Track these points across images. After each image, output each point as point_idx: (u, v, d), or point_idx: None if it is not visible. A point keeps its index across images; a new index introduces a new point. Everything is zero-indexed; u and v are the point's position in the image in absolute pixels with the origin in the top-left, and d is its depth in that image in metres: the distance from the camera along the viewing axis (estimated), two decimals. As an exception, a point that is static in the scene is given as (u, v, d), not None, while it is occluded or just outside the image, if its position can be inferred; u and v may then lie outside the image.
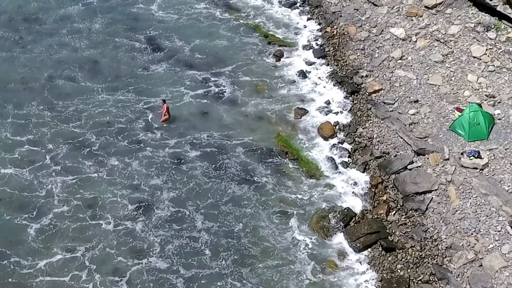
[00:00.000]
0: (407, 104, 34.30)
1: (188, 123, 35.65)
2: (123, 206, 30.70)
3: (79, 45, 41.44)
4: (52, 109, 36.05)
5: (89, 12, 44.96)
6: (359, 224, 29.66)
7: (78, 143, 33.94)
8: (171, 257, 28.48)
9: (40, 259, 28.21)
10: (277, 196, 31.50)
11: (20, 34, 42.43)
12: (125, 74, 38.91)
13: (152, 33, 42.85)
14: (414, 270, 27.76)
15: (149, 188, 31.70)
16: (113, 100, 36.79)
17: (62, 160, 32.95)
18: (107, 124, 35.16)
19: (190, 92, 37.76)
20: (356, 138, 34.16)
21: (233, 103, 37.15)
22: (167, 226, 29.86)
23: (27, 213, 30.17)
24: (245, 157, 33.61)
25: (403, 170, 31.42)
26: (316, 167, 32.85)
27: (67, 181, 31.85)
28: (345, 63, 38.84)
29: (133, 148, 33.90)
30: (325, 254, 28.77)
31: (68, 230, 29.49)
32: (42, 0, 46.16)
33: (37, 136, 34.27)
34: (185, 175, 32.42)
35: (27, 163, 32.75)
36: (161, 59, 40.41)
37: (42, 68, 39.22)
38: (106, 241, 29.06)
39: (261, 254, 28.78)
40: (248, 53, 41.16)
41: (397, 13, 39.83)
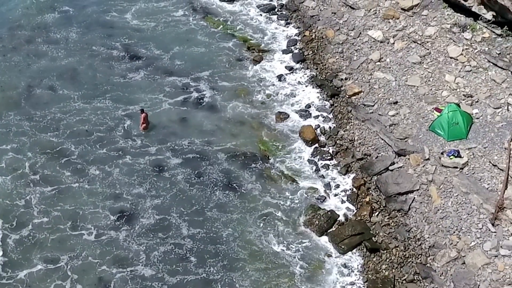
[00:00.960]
0: (386, 106, 34.56)
1: (168, 130, 35.56)
2: (105, 216, 30.56)
3: (56, 54, 41.13)
4: (31, 118, 35.86)
5: (64, 21, 44.69)
6: (343, 226, 29.86)
7: (57, 153, 33.75)
8: (156, 265, 28.45)
9: (20, 269, 28.09)
10: (261, 201, 31.58)
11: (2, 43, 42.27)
12: (103, 82, 38.63)
13: (128, 41, 42.59)
14: (399, 270, 28.01)
15: (132, 196, 31.59)
16: (92, 108, 36.58)
17: (41, 170, 32.75)
18: (86, 132, 34.97)
19: (169, 99, 37.68)
20: (338, 140, 34.34)
21: (213, 109, 37.13)
22: (151, 234, 29.79)
23: (7, 222, 30.11)
24: (228, 162, 33.63)
25: (385, 171, 31.68)
26: (298, 171, 32.99)
27: (46, 191, 31.67)
28: (325, 67, 39.01)
29: (113, 156, 33.77)
30: (310, 256, 28.88)
31: (48, 240, 29.35)
32: (21, 8, 45.90)
33: (18, 146, 34.05)
34: (167, 182, 32.38)
35: (8, 172, 32.66)
36: (139, 66, 40.20)
37: (20, 77, 39.01)
38: (89, 251, 28.93)
39: (248, 258, 28.83)
40: (227, 58, 41.14)
41: (374, 16, 40.12)
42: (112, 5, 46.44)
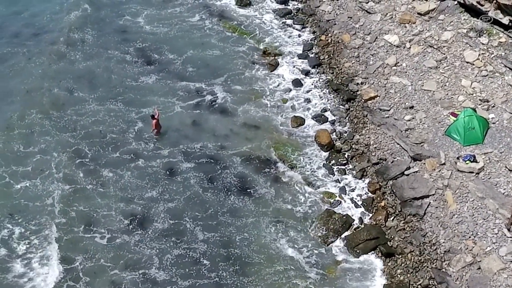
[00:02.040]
0: (402, 110, 34.53)
1: (181, 133, 35.64)
2: (118, 219, 30.69)
3: (74, 57, 41.53)
4: (50, 118, 36.26)
5: (86, 23, 45.15)
6: (358, 231, 29.87)
7: (74, 153, 34.09)
8: (169, 269, 28.47)
9: (37, 269, 28.43)
10: (275, 205, 31.60)
11: (39, 48, 42.66)
12: (117, 85, 38.87)
13: (144, 44, 42.89)
14: (414, 274, 27.95)
15: (144, 200, 31.66)
16: (105, 110, 36.92)
17: (61, 170, 33.06)
18: (100, 134, 35.30)
19: (183, 103, 37.78)
20: (353, 145, 34.34)
21: (227, 113, 37.19)
22: (164, 237, 29.82)
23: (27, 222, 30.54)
24: (242, 167, 33.65)
25: (401, 175, 31.64)
26: (313, 175, 33.01)
27: (65, 192, 31.87)
28: (340, 71, 38.99)
29: (126, 159, 33.90)
30: (325, 261, 28.91)
31: (62, 241, 29.62)
32: (49, 13, 46.60)
33: (44, 146, 34.41)
34: (181, 186, 32.45)
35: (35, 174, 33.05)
36: (153, 70, 40.37)
37: (44, 79, 39.41)
38: (101, 253, 29.06)
39: (261, 263, 28.84)
40: (242, 62, 41.23)
41: (391, 20, 40.13)
42: (128, 8, 46.95)
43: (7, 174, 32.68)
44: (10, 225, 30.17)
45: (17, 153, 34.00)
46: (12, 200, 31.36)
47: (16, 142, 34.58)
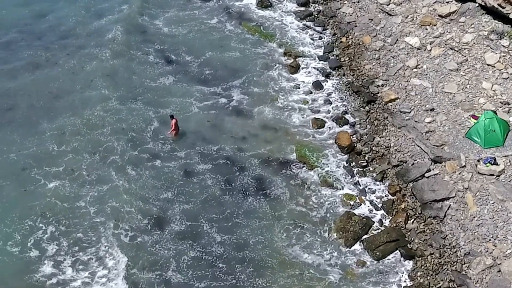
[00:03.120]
0: (423, 113, 34.56)
1: (202, 135, 35.83)
2: (139, 218, 30.86)
3: (103, 57, 41.95)
4: (82, 117, 36.65)
5: (108, 26, 45.63)
6: (378, 233, 29.95)
7: (104, 151, 34.47)
8: (185, 270, 28.57)
9: (69, 270, 28.71)
10: (294, 207, 31.71)
11: (67, 51, 42.91)
12: (137, 85, 39.34)
13: (165, 46, 43.30)
14: (434, 277, 28.00)
15: (161, 200, 31.87)
16: (127, 109, 37.32)
17: (93, 169, 33.49)
18: (122, 130, 35.73)
19: (202, 104, 38.00)
20: (374, 147, 34.42)
21: (247, 115, 37.40)
22: (180, 239, 29.96)
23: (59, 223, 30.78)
24: (261, 168, 33.79)
25: (421, 178, 31.68)
26: (334, 177, 33.08)
27: (98, 190, 32.23)
28: (361, 73, 39.10)
29: (146, 159, 34.14)
30: (344, 263, 28.97)
31: (91, 240, 29.94)
32: (74, 16, 47.03)
33: (75, 146, 34.81)
34: (197, 187, 32.64)
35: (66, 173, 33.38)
36: (172, 71, 40.73)
37: (74, 80, 39.90)
38: (125, 252, 29.35)
39: (280, 265, 28.90)
40: (263, 64, 41.44)
41: (412, 23, 40.16)
42: (156, 11, 47.39)
43: (40, 175, 32.96)
44: (42, 225, 30.44)
45: (51, 153, 34.43)
46: (44, 199, 31.62)
47: (50, 143, 35.00)
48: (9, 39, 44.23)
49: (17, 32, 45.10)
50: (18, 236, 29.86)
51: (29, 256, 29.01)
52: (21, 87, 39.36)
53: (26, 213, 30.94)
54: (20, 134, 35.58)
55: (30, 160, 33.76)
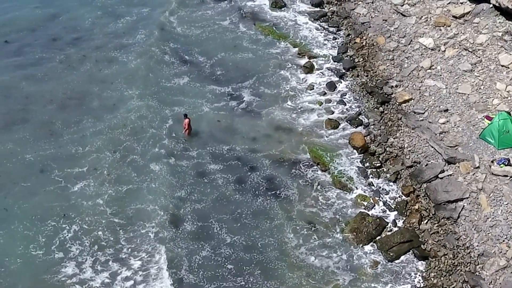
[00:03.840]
0: (437, 113, 34.56)
1: (213, 134, 35.98)
2: (156, 215, 31.01)
3: (124, 58, 42.34)
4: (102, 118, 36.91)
5: (127, 27, 46.11)
6: (392, 234, 29.97)
7: (123, 150, 34.67)
8: (196, 270, 28.58)
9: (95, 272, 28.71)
10: (308, 207, 31.78)
11: (83, 52, 43.16)
12: (155, 84, 39.61)
13: (181, 46, 43.65)
14: (447, 278, 27.99)
15: (173, 199, 31.95)
16: (146, 106, 37.58)
17: (116, 168, 33.62)
18: (141, 129, 35.97)
19: (215, 104, 38.19)
20: (387, 148, 34.46)
21: (261, 115, 37.53)
22: (192, 238, 30.02)
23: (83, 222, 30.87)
24: (274, 169, 33.87)
25: (435, 179, 31.68)
26: (347, 178, 33.15)
27: (119, 190, 32.36)
28: (375, 74, 39.15)
29: (162, 157, 34.26)
30: (357, 264, 29.00)
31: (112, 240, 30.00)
32: (91, 18, 47.30)
33: (96, 146, 34.92)
34: (208, 187, 32.74)
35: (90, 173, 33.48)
36: (188, 71, 40.98)
37: (91, 82, 40.08)
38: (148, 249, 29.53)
39: (292, 265, 28.92)
40: (276, 64, 41.61)
41: (426, 23, 40.18)
42: (172, 11, 47.81)
43: (61, 176, 33.11)
44: (65, 226, 30.52)
45: (71, 154, 34.63)
46: (66, 200, 31.79)
47: (70, 144, 35.17)
48: (22, 40, 44.53)
49: (31, 33, 45.46)
50: (41, 237, 29.80)
51: (53, 257, 28.90)
52: (34, 88, 39.55)
53: (48, 214, 30.96)
54: (33, 135, 35.74)
55: (48, 162, 33.87)
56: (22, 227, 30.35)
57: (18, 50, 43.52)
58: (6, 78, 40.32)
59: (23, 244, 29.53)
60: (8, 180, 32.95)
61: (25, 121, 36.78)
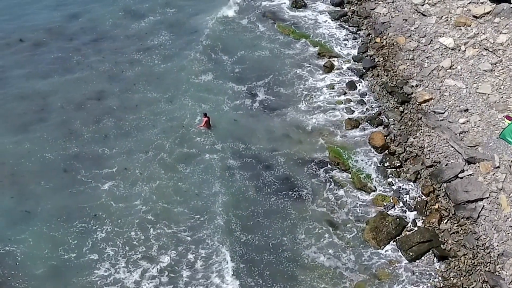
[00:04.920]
0: (457, 113, 34.57)
1: (233, 132, 36.14)
2: (184, 214, 31.19)
3: (149, 61, 42.31)
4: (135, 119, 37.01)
5: (152, 27, 46.13)
6: (412, 233, 30.07)
7: (154, 149, 34.66)
8: (224, 270, 28.61)
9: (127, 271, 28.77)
10: (329, 206, 31.97)
11: (102, 53, 43.09)
12: (181, 83, 39.69)
13: (200, 45, 43.73)
14: (467, 278, 28.07)
15: (202, 197, 32.08)
16: (175, 108, 37.69)
17: (146, 167, 33.67)
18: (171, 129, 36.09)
19: (235, 102, 38.44)
20: (407, 147, 34.54)
21: (281, 114, 37.73)
22: (210, 235, 30.21)
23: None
24: (294, 168, 34.07)
25: (454, 178, 31.73)
26: (367, 178, 33.28)
27: (151, 188, 32.40)
28: (395, 73, 39.20)
29: (183, 156, 34.42)
30: (377, 264, 29.17)
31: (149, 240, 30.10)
32: (111, 18, 47.26)
33: (124, 148, 34.94)
34: (235, 183, 32.90)
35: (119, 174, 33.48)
36: (211, 69, 41.11)
37: (113, 84, 40.10)
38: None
39: (311, 265, 29.11)
40: (297, 64, 41.82)
41: (446, 23, 40.15)
42: (194, 10, 48.31)
43: (87, 176, 33.06)
44: (95, 226, 30.50)
45: (99, 155, 34.61)
46: (96, 201, 31.80)
47: (94, 144, 35.18)
48: (38, 40, 44.47)
49: (47, 33, 45.45)
50: (70, 239, 29.78)
51: (85, 259, 28.99)
52: (50, 88, 39.44)
53: (76, 215, 30.96)
54: (51, 134, 35.63)
55: (72, 161, 33.85)
56: (47, 229, 30.19)
57: (33, 49, 43.47)
58: (21, 78, 40.29)
59: (48, 247, 29.40)
60: (28, 180, 32.86)
61: (42, 121, 36.72)
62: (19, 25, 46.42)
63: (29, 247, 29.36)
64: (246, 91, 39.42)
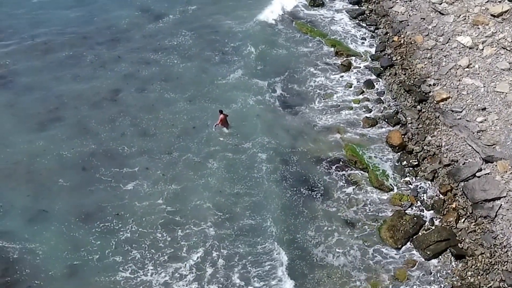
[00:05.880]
0: (474, 112, 34.56)
1: (252, 129, 36.12)
2: (207, 212, 31.27)
3: (167, 61, 42.27)
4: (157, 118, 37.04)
5: (172, 27, 46.00)
6: (429, 232, 30.15)
7: (175, 150, 34.71)
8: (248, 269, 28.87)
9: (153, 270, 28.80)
10: (345, 205, 32.04)
11: (117, 53, 42.89)
12: (202, 84, 39.72)
13: (220, 43, 44.04)
14: (484, 277, 28.12)
15: (226, 195, 32.12)
16: (196, 107, 37.80)
17: (168, 167, 33.69)
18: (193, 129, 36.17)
19: (256, 99, 38.44)
20: (425, 146, 34.61)
21: (298, 112, 37.83)
22: (241, 236, 30.31)
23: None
24: (312, 165, 34.13)
25: (472, 177, 31.76)
26: (384, 176, 33.35)
27: (174, 188, 32.43)
28: (413, 72, 39.22)
29: (212, 155, 34.49)
30: (394, 263, 29.23)
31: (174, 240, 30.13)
32: (128, 18, 47.12)
33: (142, 147, 34.95)
34: (257, 182, 32.96)
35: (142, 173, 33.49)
36: (234, 68, 41.25)
37: (128, 83, 39.96)
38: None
39: (329, 264, 29.16)
40: (314, 63, 41.90)
41: (464, 22, 40.08)
42: (212, 9, 48.27)
43: (109, 175, 33.03)
44: (118, 226, 30.45)
45: (119, 153, 34.61)
46: (118, 201, 31.78)
47: (112, 143, 35.15)
48: (51, 39, 44.18)
49: (61, 32, 45.01)
50: (92, 239, 29.67)
51: (108, 260, 28.91)
52: (64, 87, 39.11)
53: (97, 214, 30.87)
54: (65, 133, 35.42)
55: (91, 159, 33.83)
56: (66, 228, 30.18)
57: (47, 49, 43.15)
58: (35, 78, 40.10)
59: (69, 246, 29.36)
60: (45, 179, 32.73)
61: (57, 120, 36.49)
62: (33, 24, 46.14)
63: (48, 246, 29.24)
64: (267, 87, 39.44)
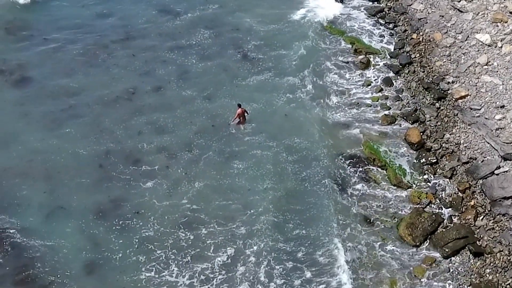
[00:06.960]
0: (493, 110, 34.55)
1: (273, 127, 36.30)
2: (234, 212, 31.29)
3: (182, 59, 42.29)
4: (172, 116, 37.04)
5: (190, 26, 46.10)
6: (447, 230, 30.22)
7: (194, 148, 34.76)
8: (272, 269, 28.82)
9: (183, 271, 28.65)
10: (363, 203, 32.12)
11: (132, 51, 42.76)
12: (222, 83, 39.82)
13: (239, 41, 44.20)
14: (503, 274, 28.16)
15: (252, 193, 32.15)
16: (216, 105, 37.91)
17: (187, 165, 33.69)
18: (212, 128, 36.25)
19: (277, 97, 38.63)
20: (443, 144, 34.67)
21: (319, 110, 37.85)
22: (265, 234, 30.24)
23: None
24: (330, 163, 34.10)
25: (490, 175, 31.81)
26: (403, 174, 33.42)
27: (197, 187, 32.37)
28: (431, 70, 39.28)
29: (233, 154, 34.61)
30: (413, 260, 29.29)
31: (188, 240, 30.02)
32: (145, 16, 47.07)
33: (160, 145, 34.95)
34: (276, 179, 32.96)
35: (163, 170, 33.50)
36: (255, 67, 41.45)
37: (143, 81, 39.90)
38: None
39: (347, 262, 29.02)
40: (334, 60, 42.05)
41: (483, 19, 40.06)
42: (233, 7, 48.63)
43: (128, 173, 33.06)
44: (137, 224, 30.34)
45: (138, 150, 34.61)
46: (138, 199, 31.67)
47: (131, 142, 35.14)
48: (63, 37, 44.03)
49: (73, 30, 44.85)
50: (112, 237, 29.63)
51: (131, 259, 28.84)
52: (76, 86, 38.99)
53: (116, 212, 30.90)
54: (82, 130, 35.41)
55: (107, 157, 33.81)
56: (85, 226, 30.15)
57: (60, 47, 43.00)
58: (48, 76, 40.07)
59: (87, 245, 29.31)
60: (61, 176, 32.79)
61: (71, 118, 36.38)
62: (47, 22, 46.20)
63: (68, 243, 29.20)
64: (289, 87, 39.47)
